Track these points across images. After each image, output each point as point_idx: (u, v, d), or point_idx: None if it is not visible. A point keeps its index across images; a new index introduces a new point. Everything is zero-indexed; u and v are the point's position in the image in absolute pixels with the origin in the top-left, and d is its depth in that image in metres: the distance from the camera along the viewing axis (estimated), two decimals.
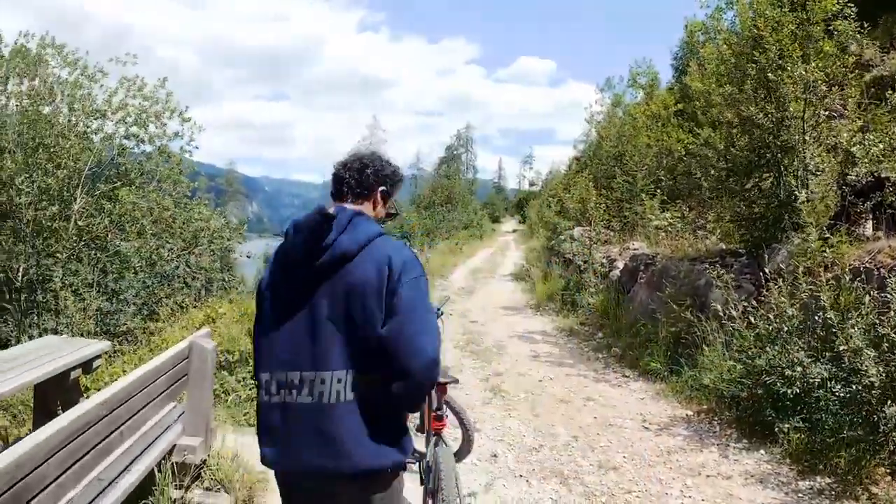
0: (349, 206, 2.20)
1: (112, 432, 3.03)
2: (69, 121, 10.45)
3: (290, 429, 2.02)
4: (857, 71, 12.22)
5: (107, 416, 2.98)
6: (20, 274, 9.86)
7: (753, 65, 8.06)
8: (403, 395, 2.01)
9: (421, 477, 3.40)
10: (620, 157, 16.52)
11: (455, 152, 79.76)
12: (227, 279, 12.55)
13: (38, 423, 4.47)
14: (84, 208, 10.58)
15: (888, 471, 4.55)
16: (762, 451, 5.33)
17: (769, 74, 7.84)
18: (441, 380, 3.59)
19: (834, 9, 8.04)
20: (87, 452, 2.79)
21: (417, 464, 3.40)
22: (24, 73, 10.28)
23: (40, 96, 10.05)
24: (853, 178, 7.74)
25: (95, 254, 10.67)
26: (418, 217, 31.54)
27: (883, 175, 7.51)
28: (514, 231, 43.64)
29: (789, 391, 5.32)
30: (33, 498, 2.35)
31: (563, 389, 7.15)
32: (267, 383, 2.08)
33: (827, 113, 8.15)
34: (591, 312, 10.96)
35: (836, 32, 8.93)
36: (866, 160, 7.58)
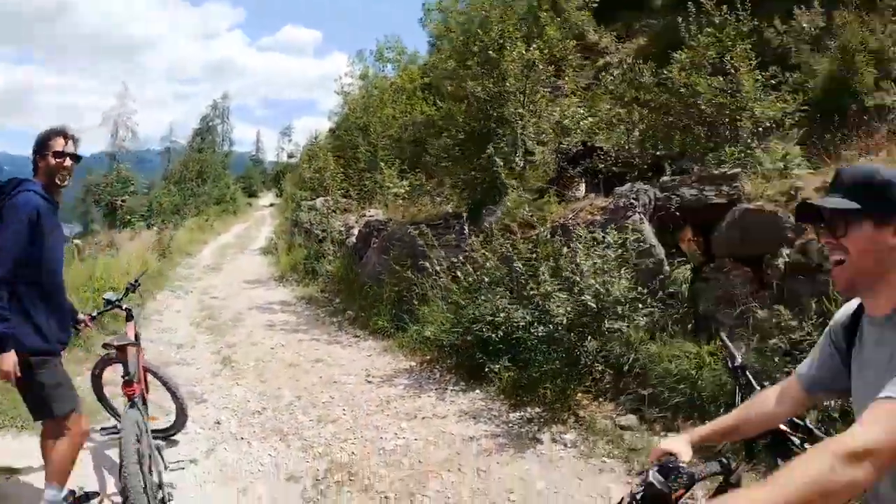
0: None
1: None
2: None
3: None
4: (590, 56, 13.92)
5: None
6: None
7: (480, 43, 8.81)
8: None
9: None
10: (365, 128, 16.91)
11: (210, 123, 75.06)
12: None
13: None
14: None
15: (592, 397, 5.27)
16: (478, 392, 5.91)
17: (490, 52, 8.62)
18: (118, 343, 3.70)
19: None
20: None
21: None
22: None
23: None
24: (564, 146, 8.91)
25: None
26: (167, 193, 29.59)
27: (595, 145, 8.74)
28: (272, 205, 42.70)
29: (494, 335, 6.01)
30: None
31: (293, 354, 7.30)
32: None
33: (549, 90, 9.23)
34: (329, 280, 11.25)
35: (573, 22, 10.27)
36: (579, 131, 8.79)
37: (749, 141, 6.76)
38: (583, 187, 9.25)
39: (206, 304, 10.46)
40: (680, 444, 1.76)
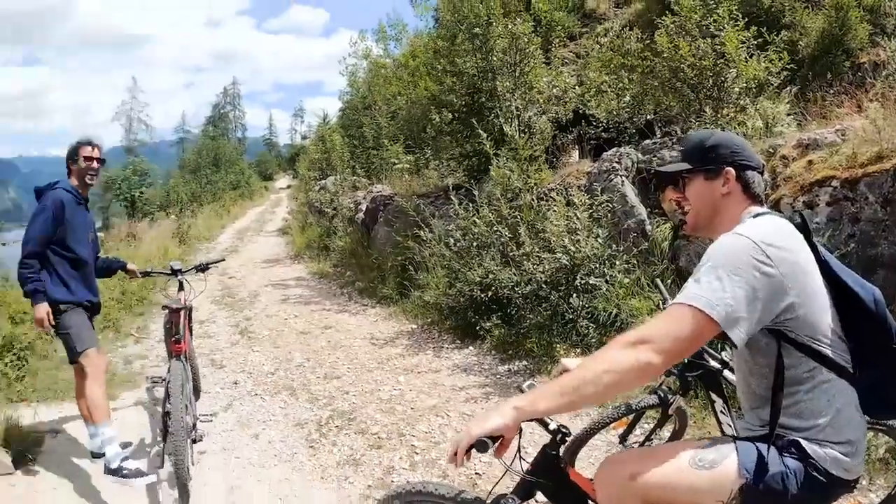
0: None
1: None
2: None
3: None
4: (589, 23, 14.11)
5: None
6: None
7: (467, 20, 9.08)
8: None
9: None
10: (370, 106, 17.26)
11: (222, 110, 76.20)
12: None
13: None
14: None
15: (578, 351, 5.62)
16: (471, 348, 6.47)
17: (476, 29, 8.92)
18: (174, 306, 4.33)
19: None
20: None
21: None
22: None
23: None
24: (552, 116, 9.23)
25: None
26: (183, 182, 30.25)
27: (587, 112, 9.03)
28: (289, 187, 43.29)
29: (484, 296, 6.50)
30: None
31: (305, 324, 7.88)
32: None
33: (546, 62, 9.46)
34: (340, 255, 11.78)
35: None
36: (570, 100, 9.07)
37: (738, 101, 7.00)
38: (576, 154, 9.61)
39: (225, 283, 11.07)
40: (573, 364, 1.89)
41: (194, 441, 3.93)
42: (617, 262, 5.88)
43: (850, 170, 4.68)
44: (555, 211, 6.24)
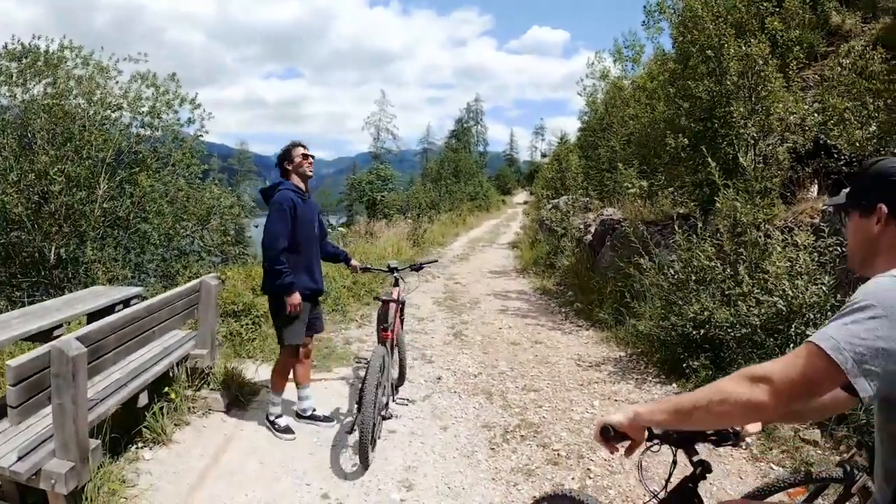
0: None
1: (147, 330, 4.29)
2: (89, 114, 11.65)
3: None
4: (834, 41, 12.88)
5: (145, 317, 4.26)
6: (52, 254, 11.10)
7: (703, 41, 8.83)
8: None
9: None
10: (607, 128, 17.25)
11: (465, 125, 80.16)
12: (239, 253, 13.78)
13: None
14: (107, 192, 11.78)
15: None
16: (674, 385, 6.34)
17: (708, 52, 8.66)
18: (384, 298, 5.03)
19: None
20: (133, 338, 4.08)
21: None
22: (42, 73, 11.48)
23: (62, 94, 11.26)
24: (790, 145, 8.61)
25: (119, 233, 11.95)
26: (424, 190, 32.58)
27: (828, 142, 8.32)
28: (526, 203, 44.35)
29: (696, 333, 6.31)
30: (102, 356, 3.65)
31: (517, 335, 8.27)
32: None
33: (792, 85, 8.87)
34: (565, 274, 12.01)
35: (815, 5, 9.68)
36: (809, 128, 8.38)
37: None
38: (814, 189, 8.81)
39: (449, 287, 11.90)
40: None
41: (385, 418, 4.59)
42: None
43: None
44: (777, 250, 5.88)
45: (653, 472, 4.00)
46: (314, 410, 5.11)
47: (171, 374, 4.87)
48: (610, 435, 1.69)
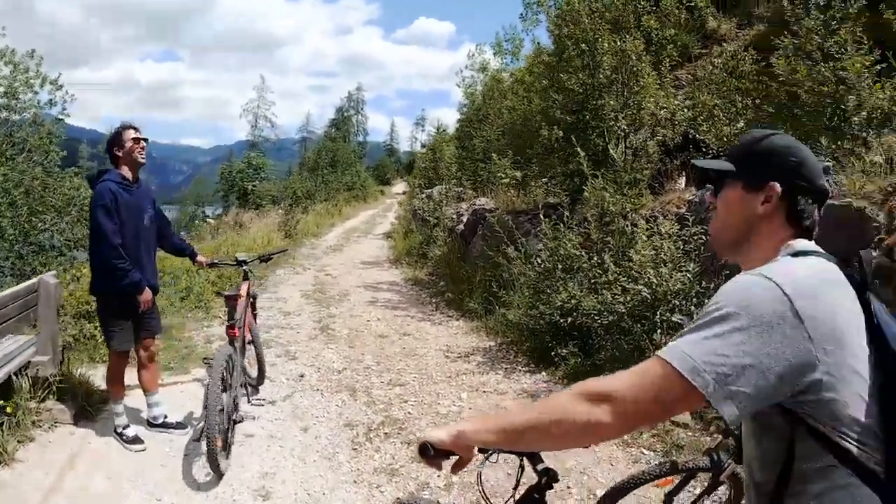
0: None
1: None
2: None
3: None
4: (709, 44, 13.51)
5: None
6: None
7: (578, 35, 8.91)
8: None
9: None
10: (484, 119, 17.29)
11: (346, 114, 79.09)
12: None
13: None
14: None
15: None
16: (543, 374, 6.23)
17: (582, 45, 8.73)
18: (227, 293, 4.69)
19: None
20: None
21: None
22: None
23: None
24: (660, 139, 8.86)
25: None
26: (300, 179, 31.67)
27: (697, 137, 8.60)
28: (404, 193, 44.29)
29: (564, 321, 6.27)
30: None
31: (386, 328, 7.96)
32: None
33: (664, 81, 9.11)
34: (437, 264, 11.85)
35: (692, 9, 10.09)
36: (679, 123, 8.62)
37: (860, 133, 6.38)
38: (682, 180, 9.14)
39: (320, 279, 11.43)
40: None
41: (236, 422, 4.20)
42: (706, 301, 5.48)
43: None
44: (642, 239, 5.92)
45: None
46: (166, 417, 4.65)
47: (12, 385, 4.30)
48: (429, 453, 1.42)
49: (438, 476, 3.96)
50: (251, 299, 5.13)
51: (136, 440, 4.34)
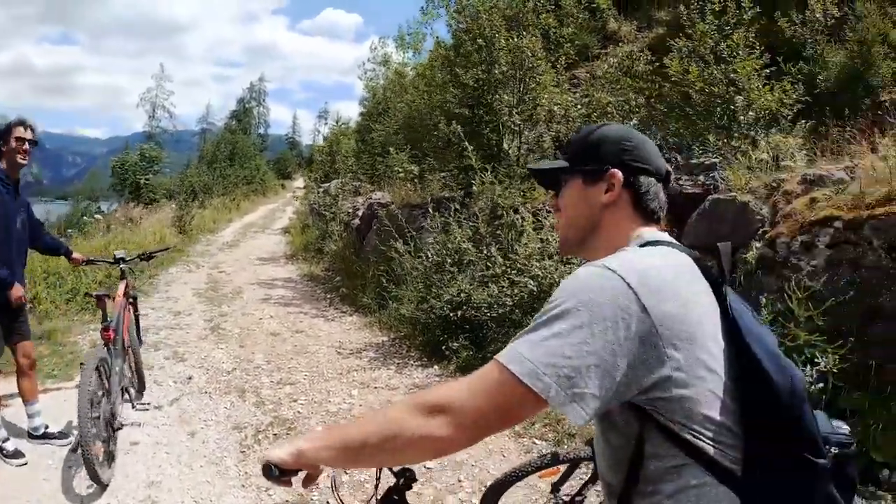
0: None
1: None
2: None
3: None
4: (609, 44, 13.98)
5: None
6: None
7: (475, 31, 9.01)
8: None
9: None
10: (383, 113, 17.22)
11: (247, 105, 76.76)
12: None
13: None
14: None
15: None
16: (435, 368, 6.30)
17: (479, 41, 8.83)
18: (96, 294, 4.40)
19: None
20: None
21: None
22: None
23: None
24: (554, 135, 9.12)
25: None
26: (198, 173, 30.46)
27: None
28: (305, 187, 43.48)
29: (454, 315, 6.35)
30: None
31: (278, 325, 7.83)
32: None
33: (560, 78, 9.34)
34: (332, 259, 11.75)
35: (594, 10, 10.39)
36: (573, 119, 8.83)
37: (748, 131, 6.77)
38: None
39: (213, 277, 11.10)
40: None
41: (116, 429, 4.00)
42: None
43: (854, 210, 4.24)
44: (529, 232, 6.12)
45: None
46: (47, 427, 4.38)
47: None
48: (274, 474, 1.32)
49: (327, 476, 3.94)
50: (130, 300, 4.90)
51: (17, 454, 4.06)
